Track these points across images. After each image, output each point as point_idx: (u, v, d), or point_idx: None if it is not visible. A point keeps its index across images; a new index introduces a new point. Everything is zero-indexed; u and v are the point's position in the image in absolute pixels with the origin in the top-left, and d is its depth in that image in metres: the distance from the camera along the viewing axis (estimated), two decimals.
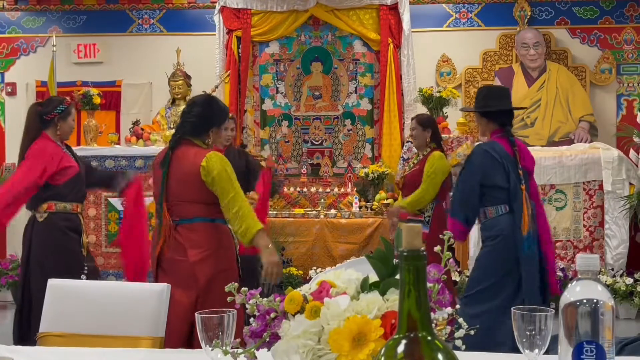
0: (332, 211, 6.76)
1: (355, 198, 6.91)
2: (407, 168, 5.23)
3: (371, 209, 6.79)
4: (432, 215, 4.94)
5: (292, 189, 7.20)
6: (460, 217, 4.07)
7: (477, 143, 4.32)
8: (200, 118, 3.38)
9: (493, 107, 4.11)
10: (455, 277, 6.06)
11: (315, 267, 6.35)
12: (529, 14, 7.39)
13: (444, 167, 4.93)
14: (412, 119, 5.32)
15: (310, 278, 5.41)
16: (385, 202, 6.71)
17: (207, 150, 3.35)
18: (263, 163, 5.20)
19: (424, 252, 0.98)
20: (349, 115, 7.53)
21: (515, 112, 7.11)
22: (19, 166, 4.09)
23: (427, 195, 4.90)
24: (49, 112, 4.14)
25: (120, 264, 6.46)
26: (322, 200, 6.90)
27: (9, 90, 7.81)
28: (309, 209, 6.91)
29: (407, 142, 6.72)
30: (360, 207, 6.81)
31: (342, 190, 7.16)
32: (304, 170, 7.45)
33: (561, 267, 6.26)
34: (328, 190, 7.17)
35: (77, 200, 4.17)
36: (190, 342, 3.11)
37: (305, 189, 7.19)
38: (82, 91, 7.03)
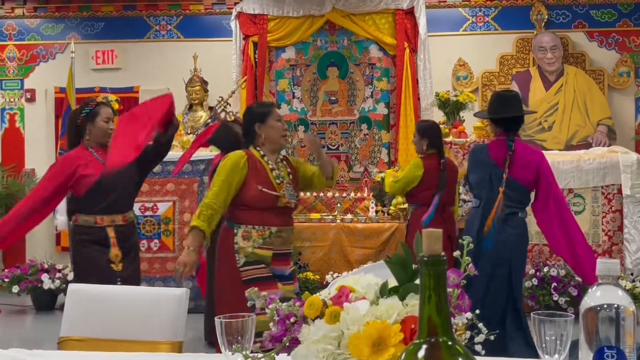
0: (349, 216, 6.75)
1: (372, 203, 6.90)
2: None
3: (388, 214, 6.78)
4: (410, 220, 5.17)
5: (308, 194, 7.20)
6: None
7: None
8: None
9: (498, 114, 4.28)
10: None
11: (331, 272, 6.34)
12: (546, 17, 7.36)
13: (408, 174, 5.06)
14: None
15: (327, 283, 5.41)
16: (402, 206, 6.69)
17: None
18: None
19: (445, 257, 0.98)
20: (365, 119, 7.53)
21: (533, 116, 7.13)
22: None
23: (391, 190, 5.33)
24: (77, 118, 3.88)
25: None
26: (339, 205, 6.90)
27: (28, 96, 7.89)
28: (326, 214, 6.91)
29: None
30: (376, 211, 6.80)
31: (359, 194, 7.16)
32: None
33: None
34: (344, 195, 7.17)
35: (100, 212, 3.80)
36: None
37: (321, 194, 7.19)
38: (101, 97, 7.07)
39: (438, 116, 6.99)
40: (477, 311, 1.41)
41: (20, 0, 7.87)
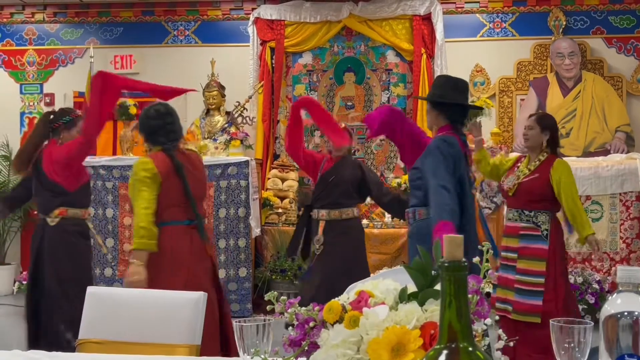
0: (365, 221, 6.73)
1: None
2: (519, 174, 4.38)
3: (403, 219, 6.76)
4: (549, 228, 4.26)
5: None
6: (456, 222, 3.30)
7: (437, 136, 3.68)
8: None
9: (449, 99, 3.67)
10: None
11: None
12: (564, 23, 7.33)
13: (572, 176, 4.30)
14: (531, 116, 4.61)
15: None
16: None
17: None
18: None
19: (465, 263, 0.98)
20: None
21: None
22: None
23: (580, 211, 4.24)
24: (55, 121, 4.20)
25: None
26: None
27: (48, 100, 7.96)
28: None
29: None
30: (392, 217, 6.78)
31: None
32: None
33: (597, 279, 6.16)
34: None
35: (85, 206, 4.27)
36: None
37: None
38: (119, 102, 7.13)
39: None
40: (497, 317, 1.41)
41: (40, 5, 7.96)
